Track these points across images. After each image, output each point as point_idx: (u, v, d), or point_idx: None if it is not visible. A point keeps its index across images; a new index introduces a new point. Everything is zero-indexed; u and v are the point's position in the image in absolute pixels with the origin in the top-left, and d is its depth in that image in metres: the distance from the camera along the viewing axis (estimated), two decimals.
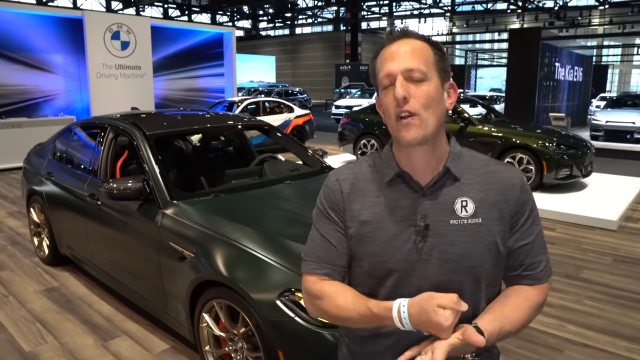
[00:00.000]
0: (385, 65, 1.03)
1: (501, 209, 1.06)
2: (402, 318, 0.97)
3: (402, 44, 1.03)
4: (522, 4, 30.58)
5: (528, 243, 1.09)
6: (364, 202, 1.09)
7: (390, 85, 1.02)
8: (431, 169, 1.07)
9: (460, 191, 1.06)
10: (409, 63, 1.00)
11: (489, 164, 1.11)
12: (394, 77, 1.01)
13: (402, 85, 0.99)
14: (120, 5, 32.84)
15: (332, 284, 1.11)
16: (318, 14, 39.81)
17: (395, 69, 1.00)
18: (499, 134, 7.11)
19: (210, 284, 2.36)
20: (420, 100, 0.99)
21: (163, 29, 12.98)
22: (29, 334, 3.11)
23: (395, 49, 1.03)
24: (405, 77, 1.00)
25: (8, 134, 9.10)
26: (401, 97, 0.98)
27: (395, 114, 1.00)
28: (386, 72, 1.02)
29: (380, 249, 1.07)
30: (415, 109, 0.99)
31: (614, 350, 2.92)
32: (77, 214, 3.53)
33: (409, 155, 1.07)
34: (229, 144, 4.52)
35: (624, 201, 6.21)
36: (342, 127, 9.39)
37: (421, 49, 1.02)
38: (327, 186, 1.16)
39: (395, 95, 0.99)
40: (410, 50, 1.02)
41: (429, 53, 1.03)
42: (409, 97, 0.99)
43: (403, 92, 0.98)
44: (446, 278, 1.05)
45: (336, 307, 1.08)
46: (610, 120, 12.55)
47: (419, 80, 1.00)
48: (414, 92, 0.99)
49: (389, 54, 1.03)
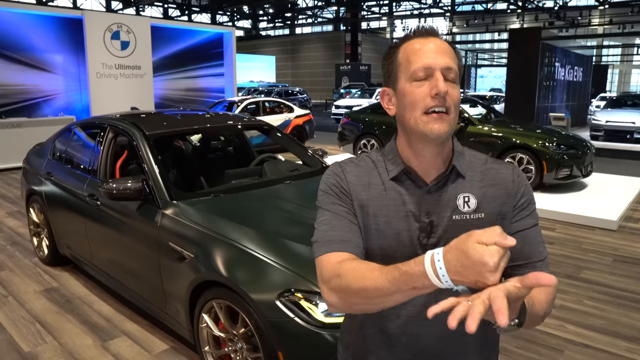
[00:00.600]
0: (421, 57, 1.01)
1: (501, 205, 1.07)
2: (436, 269, 0.81)
3: (437, 41, 1.03)
4: (522, 4, 30.58)
5: (524, 229, 1.08)
6: (368, 196, 1.08)
7: (425, 78, 1.01)
8: (437, 167, 1.07)
9: (463, 187, 1.07)
10: (447, 60, 1.00)
11: (488, 162, 1.13)
12: (432, 71, 1.00)
13: (443, 81, 0.99)
14: (120, 5, 32.83)
15: (355, 260, 0.98)
16: (318, 14, 39.81)
17: (436, 64, 1.00)
18: (499, 134, 7.11)
19: (209, 284, 2.35)
20: (453, 99, 1.01)
21: (163, 29, 12.98)
22: (28, 334, 3.11)
23: (429, 44, 1.02)
24: (443, 74, 1.00)
25: (8, 134, 9.10)
26: (444, 92, 0.98)
27: (427, 107, 1.00)
28: (425, 65, 1.00)
29: (387, 243, 1.06)
30: (449, 106, 1.00)
31: (614, 351, 2.92)
32: (76, 214, 3.52)
33: (419, 154, 1.06)
34: (228, 144, 4.52)
35: (624, 201, 6.21)
36: (342, 127, 9.39)
37: (452, 51, 1.04)
38: (333, 172, 1.12)
39: (438, 89, 0.98)
40: (447, 49, 1.03)
41: (456, 58, 1.04)
42: (447, 95, 1.00)
43: (445, 87, 0.98)
44: None
45: (360, 277, 0.92)
46: (610, 120, 12.55)
47: (452, 81, 1.01)
48: (450, 91, 1.00)
49: (422, 47, 1.02)
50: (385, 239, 1.06)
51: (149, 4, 34.82)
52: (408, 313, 1.08)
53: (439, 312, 0.79)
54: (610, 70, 36.26)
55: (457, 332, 1.07)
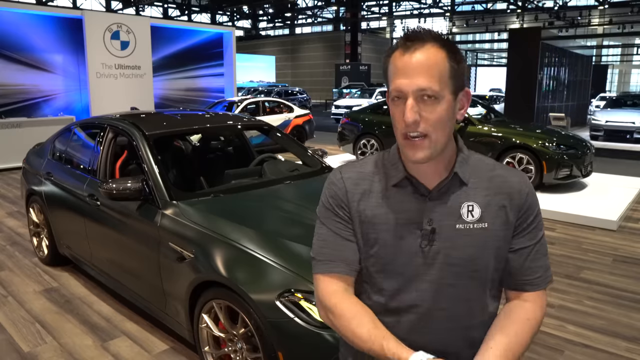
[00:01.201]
0: (396, 77, 0.97)
1: (507, 214, 1.05)
2: None
3: (416, 53, 0.96)
4: (522, 4, 30.59)
5: (528, 246, 1.08)
6: (369, 201, 1.08)
7: (399, 99, 0.97)
8: (438, 174, 1.06)
9: (466, 195, 1.05)
10: (421, 81, 0.94)
11: (496, 169, 1.10)
12: (404, 96, 0.96)
13: (412, 108, 0.95)
14: (120, 5, 32.82)
15: (349, 302, 1.07)
16: (318, 14, 39.80)
17: (407, 88, 0.95)
18: (498, 134, 7.11)
19: (209, 284, 2.35)
20: (431, 121, 0.96)
21: (163, 29, 12.97)
22: (28, 334, 3.10)
23: (408, 59, 0.96)
24: (416, 97, 0.95)
25: (8, 133, 9.09)
26: (410, 121, 0.95)
27: (403, 132, 0.98)
28: (396, 87, 0.97)
29: (385, 251, 1.06)
30: (426, 130, 0.96)
31: (614, 351, 2.92)
32: (76, 214, 3.52)
33: (415, 164, 1.05)
34: (228, 144, 4.52)
35: (624, 201, 6.21)
36: (342, 127, 9.38)
37: (436, 61, 0.96)
38: (333, 182, 1.13)
39: (405, 118, 0.95)
40: (425, 64, 0.95)
41: (444, 65, 0.96)
42: (420, 120, 0.95)
43: (413, 116, 0.95)
44: (449, 282, 1.04)
45: (350, 331, 1.04)
46: (610, 120, 12.55)
47: (431, 98, 0.95)
48: (425, 113, 0.96)
49: (401, 64, 0.97)
50: (385, 247, 1.06)
51: (148, 4, 34.81)
52: (410, 320, 1.07)
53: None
54: (610, 70, 36.26)
55: (458, 340, 1.08)
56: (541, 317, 1.10)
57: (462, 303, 1.06)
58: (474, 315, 1.07)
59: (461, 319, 1.06)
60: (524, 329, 1.05)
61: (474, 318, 1.07)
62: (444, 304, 1.05)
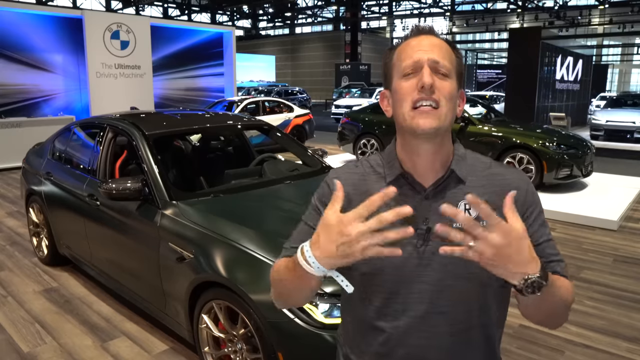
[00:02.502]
0: (411, 53, 1.00)
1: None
2: (304, 252, 0.90)
3: (427, 38, 1.02)
4: (522, 4, 30.58)
5: (540, 244, 1.04)
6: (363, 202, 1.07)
7: (413, 73, 0.99)
8: (435, 171, 1.04)
9: (464, 194, 1.01)
10: (437, 55, 0.99)
11: (492, 167, 1.08)
12: (420, 65, 0.98)
13: (429, 73, 0.97)
14: (120, 4, 32.81)
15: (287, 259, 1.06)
16: (318, 14, 39.78)
17: (424, 58, 0.98)
18: (499, 133, 7.10)
19: (209, 284, 2.35)
20: (444, 92, 0.98)
21: (163, 29, 12.97)
22: (27, 334, 3.10)
23: (421, 41, 1.01)
24: (431, 68, 0.98)
25: (7, 133, 9.09)
26: (428, 84, 0.95)
27: (414, 100, 0.98)
28: (413, 59, 0.99)
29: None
30: (439, 99, 0.97)
31: (615, 351, 2.91)
32: (76, 214, 3.52)
33: (414, 152, 1.03)
34: (228, 144, 4.51)
35: (625, 201, 6.20)
36: (342, 126, 9.38)
37: (446, 47, 1.02)
38: (325, 183, 1.13)
39: (423, 81, 0.96)
40: (438, 45, 1.01)
41: (451, 54, 1.02)
42: (434, 87, 0.97)
43: (431, 79, 0.96)
44: (448, 283, 1.01)
45: (275, 272, 1.07)
46: (611, 120, 12.55)
47: (444, 74, 0.99)
48: (439, 84, 0.98)
49: (415, 43, 1.01)
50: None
51: (148, 4, 34.80)
52: (407, 323, 1.04)
53: (449, 253, 0.84)
54: (610, 69, 36.28)
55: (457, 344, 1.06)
56: (572, 289, 1.03)
57: (461, 305, 1.03)
58: (474, 316, 1.05)
59: (461, 320, 1.04)
60: (564, 283, 1.00)
61: (473, 319, 1.05)
62: (443, 307, 1.02)
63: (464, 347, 1.06)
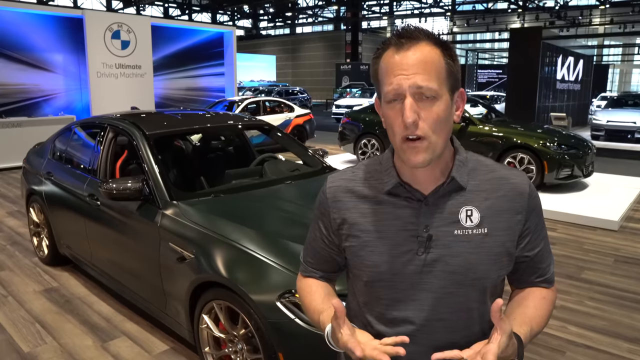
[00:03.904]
0: (391, 75, 0.92)
1: (508, 218, 1.01)
2: (328, 338, 1.05)
3: (411, 52, 0.92)
4: (523, 4, 30.55)
5: (539, 250, 1.06)
6: (362, 210, 1.05)
7: (396, 99, 0.93)
8: (434, 178, 1.01)
9: (465, 200, 1.01)
10: (419, 79, 0.90)
11: (495, 170, 1.05)
12: (402, 94, 0.91)
13: (411, 107, 0.90)
14: (121, 4, 32.81)
15: (309, 281, 1.20)
16: (318, 14, 39.77)
17: (404, 86, 0.91)
18: (499, 133, 7.09)
19: (210, 285, 2.34)
20: (429, 122, 0.92)
21: (163, 28, 12.97)
22: (28, 334, 3.10)
23: (403, 57, 0.92)
24: (414, 96, 0.91)
25: (8, 133, 9.09)
26: (410, 122, 0.90)
27: (402, 135, 0.93)
28: (394, 86, 0.92)
29: (380, 259, 1.02)
30: (425, 132, 0.92)
31: (616, 352, 2.91)
32: (76, 214, 3.51)
33: (411, 170, 1.01)
34: (229, 144, 4.51)
35: (625, 201, 6.19)
36: (343, 126, 9.37)
37: (432, 58, 0.92)
38: (322, 191, 1.13)
39: (404, 120, 0.91)
40: (422, 61, 0.91)
41: (440, 63, 0.93)
42: (418, 120, 0.91)
43: (413, 116, 0.90)
44: (450, 291, 1.00)
45: (305, 305, 1.19)
46: (611, 120, 12.53)
47: (429, 97, 0.91)
48: (424, 114, 0.92)
49: (397, 62, 0.92)
50: (379, 255, 1.02)
51: (149, 4, 34.80)
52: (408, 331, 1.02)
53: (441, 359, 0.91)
54: (611, 70, 36.24)
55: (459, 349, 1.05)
56: (554, 301, 1.11)
57: (462, 312, 1.02)
58: (474, 324, 1.04)
59: (461, 328, 1.03)
60: (542, 304, 1.07)
61: (473, 327, 1.04)
62: (443, 314, 1.01)
63: None
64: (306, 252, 1.21)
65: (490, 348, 0.86)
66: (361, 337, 0.96)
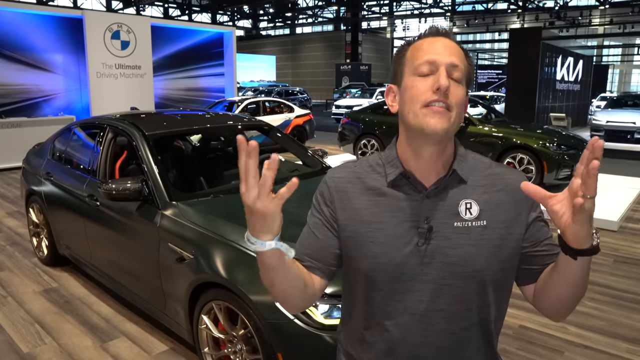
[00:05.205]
0: (428, 52, 1.00)
1: (508, 212, 1.04)
2: (248, 239, 0.95)
3: (446, 40, 1.02)
4: (523, 4, 30.56)
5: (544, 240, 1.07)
6: (363, 201, 1.07)
7: (429, 73, 0.99)
8: (436, 171, 1.05)
9: (464, 193, 1.04)
10: (454, 59, 0.99)
11: (492, 166, 1.09)
12: (437, 66, 0.98)
13: (446, 76, 0.98)
14: (121, 4, 32.82)
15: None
16: (318, 14, 39.79)
17: (442, 60, 0.99)
18: (499, 134, 7.10)
19: (209, 285, 2.35)
20: (456, 97, 0.99)
21: (163, 29, 12.97)
22: (27, 335, 3.10)
23: (441, 42, 1.02)
24: (447, 72, 0.99)
25: (8, 133, 9.09)
26: (445, 86, 0.96)
27: (428, 100, 0.98)
28: (430, 59, 0.99)
29: (380, 249, 1.03)
30: (451, 102, 0.98)
31: (615, 352, 2.91)
32: (76, 215, 3.52)
33: (416, 153, 1.04)
34: (228, 145, 4.51)
35: (625, 202, 6.19)
36: (342, 127, 9.38)
37: (460, 53, 1.03)
38: (324, 181, 1.14)
39: (440, 83, 0.96)
40: (456, 50, 1.01)
41: (465, 60, 1.03)
42: (449, 91, 0.98)
43: (447, 82, 0.97)
44: (448, 282, 1.02)
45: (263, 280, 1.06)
46: (611, 121, 12.53)
47: (457, 80, 0.99)
48: (453, 88, 0.98)
49: (434, 44, 1.01)
50: (380, 246, 1.04)
51: (149, 4, 34.81)
52: (407, 322, 1.05)
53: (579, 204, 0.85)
54: (611, 70, 36.27)
55: (456, 342, 1.06)
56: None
57: (461, 304, 1.04)
58: (473, 315, 1.05)
59: (460, 319, 1.04)
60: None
61: (472, 318, 1.05)
62: (443, 305, 1.03)
63: (463, 345, 1.07)
64: (301, 241, 1.17)
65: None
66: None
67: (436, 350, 1.05)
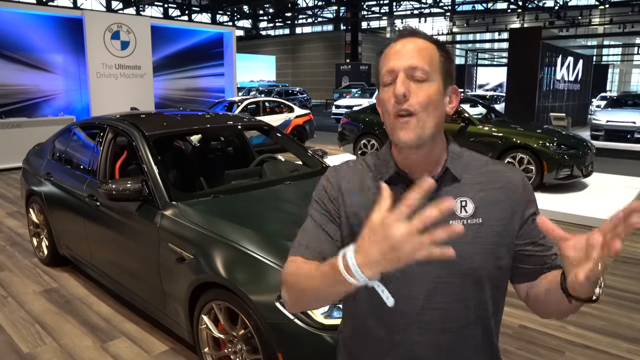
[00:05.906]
0: (388, 61, 1.00)
1: (503, 210, 1.04)
2: (346, 258, 0.80)
3: (407, 42, 1.01)
4: (523, 4, 30.55)
5: (542, 237, 1.07)
6: (363, 198, 1.08)
7: (391, 82, 0.99)
8: (429, 169, 1.05)
9: (459, 191, 1.04)
10: (412, 61, 0.98)
11: (489, 164, 1.09)
12: (395, 74, 0.98)
13: (402, 82, 0.97)
14: (121, 4, 32.81)
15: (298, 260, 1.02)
16: (318, 14, 39.77)
17: (398, 66, 0.98)
18: (499, 133, 7.10)
19: (209, 285, 2.35)
20: (419, 99, 0.97)
21: (163, 29, 12.97)
22: (27, 335, 3.10)
23: (400, 46, 1.00)
24: (407, 75, 0.98)
25: (8, 134, 9.09)
26: (400, 94, 0.95)
27: (394, 112, 0.98)
28: (389, 68, 0.99)
29: None
30: (414, 108, 0.96)
31: (615, 352, 2.91)
32: (76, 215, 3.52)
33: (406, 156, 1.05)
34: (228, 145, 4.51)
35: (625, 201, 6.19)
36: (342, 127, 9.38)
37: (427, 48, 1.00)
38: (326, 178, 1.14)
39: (395, 91, 0.96)
40: (416, 49, 0.99)
41: (434, 54, 1.01)
42: (409, 95, 0.96)
43: (403, 89, 0.96)
44: (445, 280, 1.02)
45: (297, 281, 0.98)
46: (611, 120, 12.54)
47: (421, 80, 0.98)
48: (414, 90, 0.97)
49: (393, 51, 1.01)
50: None
51: (149, 4, 34.80)
52: (404, 320, 1.05)
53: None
54: (611, 69, 36.29)
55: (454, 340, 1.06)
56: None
57: (459, 302, 1.04)
58: (471, 313, 1.06)
59: (457, 317, 1.05)
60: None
61: (469, 316, 1.06)
62: (439, 303, 1.03)
63: (462, 343, 1.07)
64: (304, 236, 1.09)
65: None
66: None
67: (433, 349, 1.05)
